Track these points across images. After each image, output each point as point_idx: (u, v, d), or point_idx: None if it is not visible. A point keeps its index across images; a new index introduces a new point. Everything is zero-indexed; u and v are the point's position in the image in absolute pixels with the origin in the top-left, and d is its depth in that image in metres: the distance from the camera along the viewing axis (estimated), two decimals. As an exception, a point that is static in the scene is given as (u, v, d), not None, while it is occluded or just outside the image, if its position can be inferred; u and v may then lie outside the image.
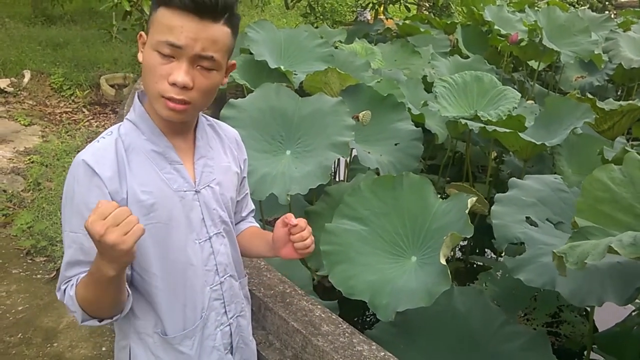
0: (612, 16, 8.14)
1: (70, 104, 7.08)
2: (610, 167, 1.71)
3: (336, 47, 4.84)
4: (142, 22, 6.10)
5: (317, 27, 6.81)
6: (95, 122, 6.66)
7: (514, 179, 2.32)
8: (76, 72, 7.48)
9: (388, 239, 2.01)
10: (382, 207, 2.06)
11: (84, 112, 6.92)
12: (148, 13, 5.73)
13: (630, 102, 3.07)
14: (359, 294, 1.78)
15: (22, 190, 4.60)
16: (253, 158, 2.47)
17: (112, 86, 7.36)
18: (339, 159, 3.55)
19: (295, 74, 3.88)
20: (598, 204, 1.66)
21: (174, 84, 1.04)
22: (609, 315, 2.42)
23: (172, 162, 1.16)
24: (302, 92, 3.83)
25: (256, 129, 2.63)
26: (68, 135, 6.02)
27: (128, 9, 5.69)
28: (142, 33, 1.09)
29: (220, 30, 1.05)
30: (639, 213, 1.60)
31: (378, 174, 2.81)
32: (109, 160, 1.09)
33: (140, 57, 1.09)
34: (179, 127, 1.17)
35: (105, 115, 6.92)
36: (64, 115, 6.72)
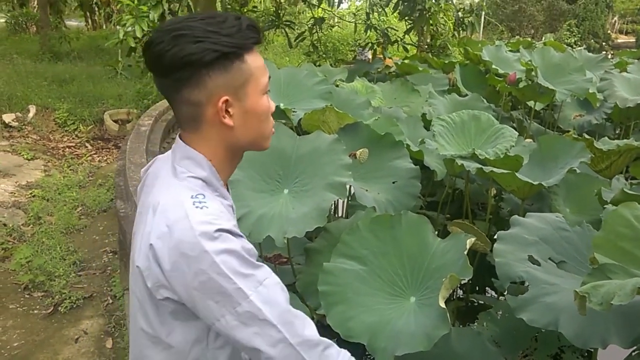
0: (610, 57, 8.29)
1: (73, 138, 7.16)
2: (635, 205, 1.70)
3: (337, 86, 4.91)
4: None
5: (319, 66, 6.93)
6: (98, 157, 6.73)
7: (515, 216, 2.32)
8: (80, 108, 7.60)
9: (386, 279, 2.00)
10: (381, 246, 2.06)
11: (87, 146, 7.00)
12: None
13: (627, 141, 3.10)
14: (357, 336, 1.76)
15: (22, 224, 4.61)
16: (250, 198, 2.47)
17: (115, 121, 7.46)
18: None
19: (294, 112, 3.94)
20: (619, 240, 1.65)
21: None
22: (611, 356, 2.38)
23: (234, 212, 1.14)
24: (300, 130, 3.87)
25: (254, 169, 2.65)
26: (70, 170, 6.07)
27: (133, 45, 5.82)
28: (227, 97, 1.00)
29: None
30: None
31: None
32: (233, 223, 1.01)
33: (229, 121, 1.01)
34: (230, 174, 1.14)
35: (107, 150, 6.99)
36: (67, 149, 6.80)
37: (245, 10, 6.77)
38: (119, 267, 3.93)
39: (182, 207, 0.96)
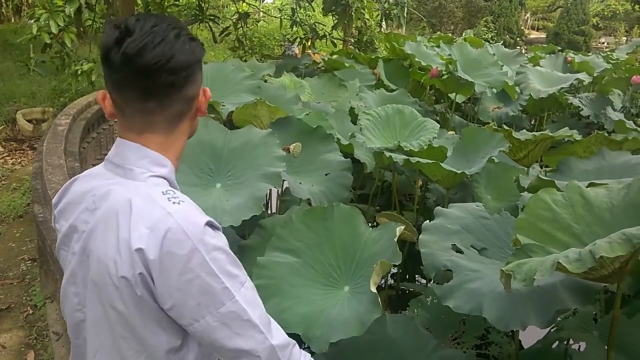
0: (523, 51, 8.80)
1: (-18, 140, 6.67)
2: (553, 190, 1.82)
3: (265, 81, 4.88)
4: (62, 54, 5.89)
5: (245, 61, 6.86)
6: (11, 159, 6.31)
7: (439, 207, 2.40)
8: (-11, 107, 7.09)
9: (320, 270, 2.02)
10: (314, 238, 2.08)
11: (-2, 148, 6.54)
12: (69, 45, 5.56)
13: (543, 132, 3.29)
14: (293, 326, 1.77)
15: None
16: (183, 192, 2.42)
17: (29, 121, 7.03)
18: (270, 191, 3.54)
19: (223, 105, 3.88)
20: (539, 221, 1.76)
21: None
22: (533, 334, 2.53)
23: None
24: (230, 125, 3.81)
25: (184, 163, 2.59)
26: (-20, 174, 5.65)
27: (48, 42, 5.49)
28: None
29: None
30: (576, 232, 1.72)
31: (310, 204, 2.83)
32: None
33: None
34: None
35: (22, 151, 6.57)
36: (-24, 152, 6.32)
37: (166, 3, 6.56)
38: (39, 275, 3.71)
39: (159, 205, 0.92)
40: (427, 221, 2.31)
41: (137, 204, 0.92)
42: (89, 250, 0.96)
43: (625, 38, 30.72)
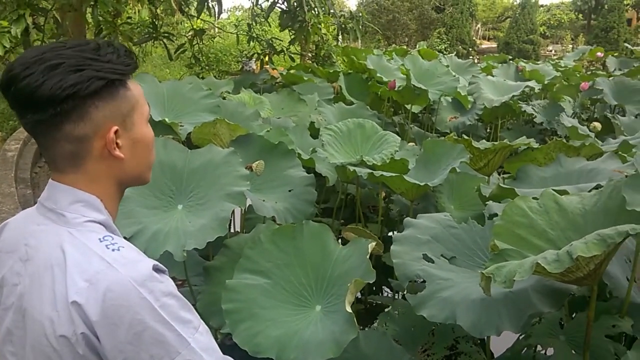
0: (476, 61, 9.05)
1: None
2: (529, 198, 1.89)
3: (224, 98, 4.83)
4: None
5: (202, 78, 6.79)
6: (-43, 186, 6.00)
7: (408, 218, 2.43)
8: None
9: (291, 290, 1.99)
10: (284, 257, 2.05)
11: (-57, 175, 6.22)
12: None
13: (502, 141, 3.38)
14: (265, 351, 1.73)
15: None
16: (142, 215, 2.35)
17: (-24, 146, 6.72)
18: (233, 210, 3.50)
19: (181, 126, 3.81)
20: (516, 227, 1.81)
21: None
22: (502, 343, 2.56)
23: None
24: (189, 144, 3.75)
25: (144, 185, 2.52)
26: None
27: (-6, 64, 5.30)
28: (117, 128, 0.93)
29: None
30: (551, 238, 1.78)
31: (275, 222, 2.80)
32: None
33: (120, 153, 0.94)
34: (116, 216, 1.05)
35: (-31, 177, 6.27)
36: None
37: (119, 21, 6.42)
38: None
39: (97, 255, 0.86)
40: (394, 230, 2.32)
41: (72, 255, 0.86)
42: (24, 309, 0.89)
43: (571, 46, 32.10)
